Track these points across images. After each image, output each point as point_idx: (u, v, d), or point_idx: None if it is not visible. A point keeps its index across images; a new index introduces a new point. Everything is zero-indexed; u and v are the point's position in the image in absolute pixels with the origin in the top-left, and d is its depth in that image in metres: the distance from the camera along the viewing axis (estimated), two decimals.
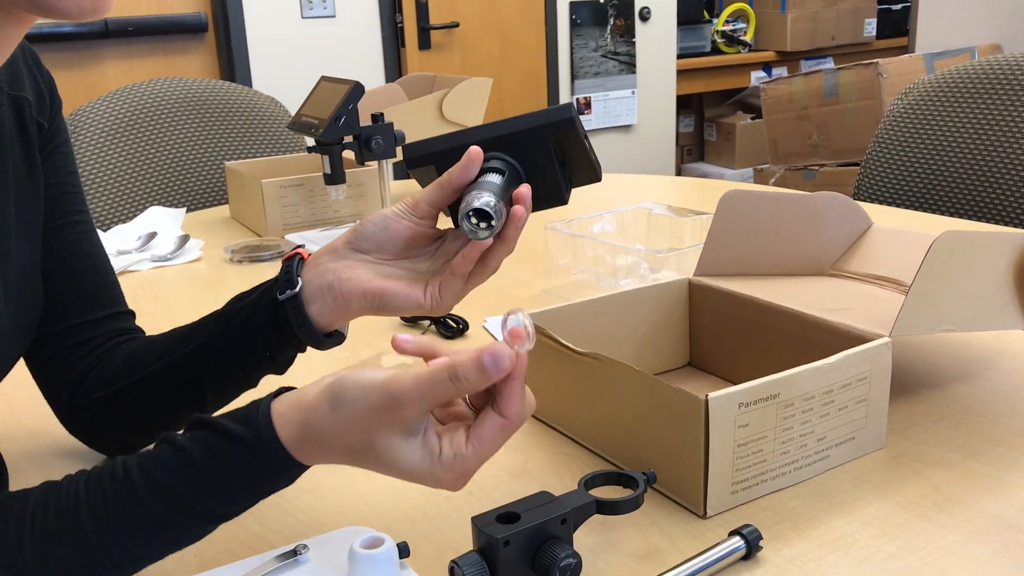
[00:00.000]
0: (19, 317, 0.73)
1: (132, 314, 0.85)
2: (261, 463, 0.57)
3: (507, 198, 0.67)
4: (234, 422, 0.58)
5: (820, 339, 0.81)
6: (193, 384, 0.75)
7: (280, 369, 0.74)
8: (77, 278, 0.80)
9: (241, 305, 0.74)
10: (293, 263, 0.71)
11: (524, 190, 0.67)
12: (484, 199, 0.65)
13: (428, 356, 0.61)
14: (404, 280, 0.69)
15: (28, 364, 0.81)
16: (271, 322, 0.71)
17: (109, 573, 0.57)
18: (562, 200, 0.72)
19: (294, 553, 0.63)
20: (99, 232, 1.50)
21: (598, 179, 0.74)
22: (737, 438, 0.68)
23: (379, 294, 0.68)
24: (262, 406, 0.58)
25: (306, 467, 0.59)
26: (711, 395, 0.66)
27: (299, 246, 0.74)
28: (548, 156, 0.70)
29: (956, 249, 0.78)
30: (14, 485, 0.78)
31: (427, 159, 0.72)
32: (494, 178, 0.68)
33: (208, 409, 0.76)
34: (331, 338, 0.72)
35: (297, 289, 0.69)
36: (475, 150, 0.67)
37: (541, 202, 0.72)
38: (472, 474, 0.58)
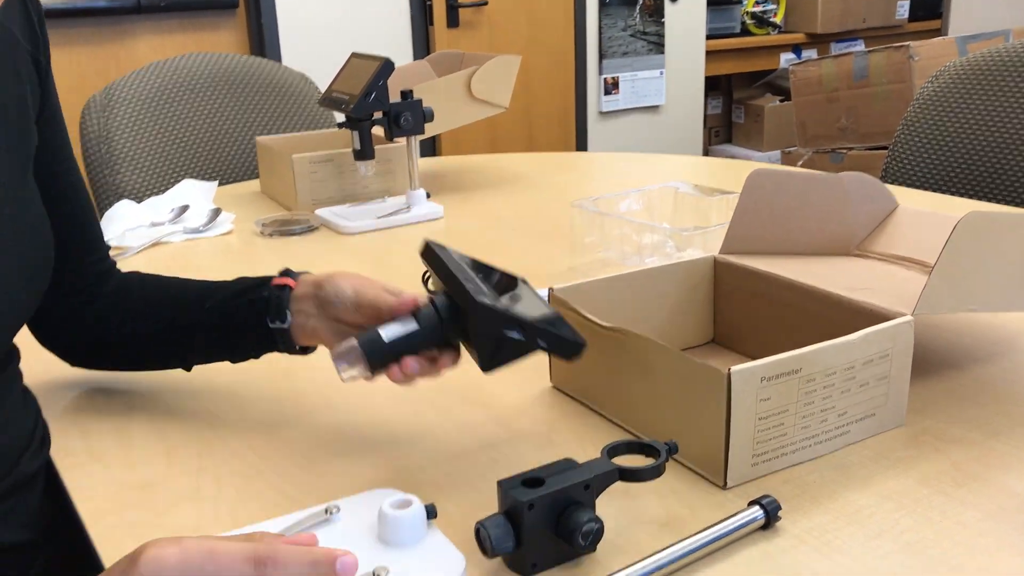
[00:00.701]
0: (23, 257, 0.73)
1: (108, 248, 0.91)
2: None
3: (397, 350, 0.72)
4: None
5: (843, 317, 0.82)
6: (180, 350, 0.86)
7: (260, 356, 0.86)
8: (70, 226, 0.84)
9: (235, 304, 0.82)
10: (284, 295, 0.80)
11: (409, 363, 0.72)
12: (342, 355, 0.72)
13: None
14: None
15: None
16: (261, 338, 0.82)
17: None
18: (480, 367, 0.73)
19: (326, 513, 0.65)
20: (133, 204, 1.52)
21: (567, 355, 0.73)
22: (758, 411, 0.69)
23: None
24: None
25: None
26: (734, 369, 0.67)
27: (286, 274, 0.83)
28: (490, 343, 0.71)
29: (981, 229, 0.78)
30: (56, 441, 0.81)
31: (431, 260, 0.77)
32: (398, 328, 0.73)
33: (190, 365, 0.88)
34: (311, 350, 0.84)
35: (286, 325, 0.80)
36: (406, 304, 0.74)
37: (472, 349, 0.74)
38: None
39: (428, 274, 1.14)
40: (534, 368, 0.93)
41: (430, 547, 0.62)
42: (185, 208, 1.52)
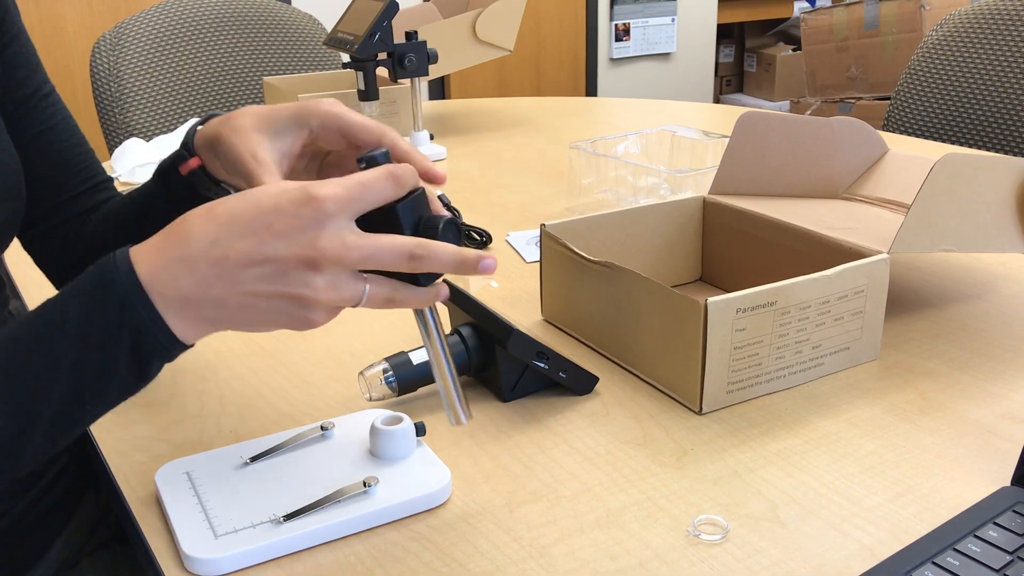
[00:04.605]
0: None
1: (110, 179, 0.87)
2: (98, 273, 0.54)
3: (426, 377, 0.76)
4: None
5: (824, 255, 0.85)
6: None
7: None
8: (60, 153, 0.81)
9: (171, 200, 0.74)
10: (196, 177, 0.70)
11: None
12: (370, 378, 0.74)
13: None
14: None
15: (19, 238, 0.84)
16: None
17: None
18: (502, 396, 0.77)
19: (321, 429, 0.69)
20: (142, 142, 1.55)
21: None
22: (734, 341, 0.73)
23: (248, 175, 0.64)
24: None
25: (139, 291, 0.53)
26: (710, 300, 0.70)
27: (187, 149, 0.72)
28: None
29: (958, 171, 0.81)
30: None
31: (453, 296, 0.78)
32: (426, 355, 0.71)
33: None
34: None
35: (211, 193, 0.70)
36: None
37: None
38: (325, 203, 0.52)
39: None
40: (527, 302, 0.96)
41: (418, 461, 0.66)
42: None
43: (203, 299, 0.53)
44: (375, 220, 0.55)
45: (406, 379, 0.75)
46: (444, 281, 0.81)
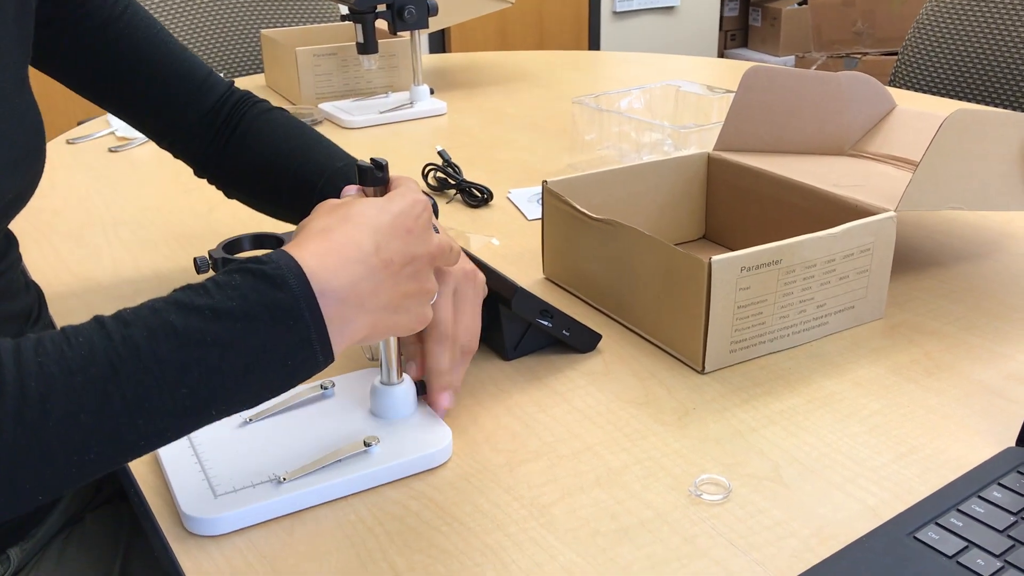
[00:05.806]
0: (12, 150, 0.69)
1: (216, 76, 0.90)
2: (260, 267, 0.51)
3: None
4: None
5: (830, 213, 0.84)
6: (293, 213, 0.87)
7: None
8: (154, 65, 0.84)
9: None
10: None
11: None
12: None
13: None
14: None
15: (161, 143, 0.90)
16: None
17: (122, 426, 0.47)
18: (504, 355, 0.77)
19: (321, 388, 0.69)
20: None
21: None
22: (738, 300, 0.72)
23: None
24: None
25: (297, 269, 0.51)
26: (714, 258, 0.69)
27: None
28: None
29: (967, 127, 0.79)
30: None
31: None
32: None
33: None
34: None
35: None
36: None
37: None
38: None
39: (428, 167, 1.16)
40: (528, 260, 0.95)
41: (419, 420, 0.66)
42: None
43: (372, 305, 0.54)
44: None
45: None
46: None
